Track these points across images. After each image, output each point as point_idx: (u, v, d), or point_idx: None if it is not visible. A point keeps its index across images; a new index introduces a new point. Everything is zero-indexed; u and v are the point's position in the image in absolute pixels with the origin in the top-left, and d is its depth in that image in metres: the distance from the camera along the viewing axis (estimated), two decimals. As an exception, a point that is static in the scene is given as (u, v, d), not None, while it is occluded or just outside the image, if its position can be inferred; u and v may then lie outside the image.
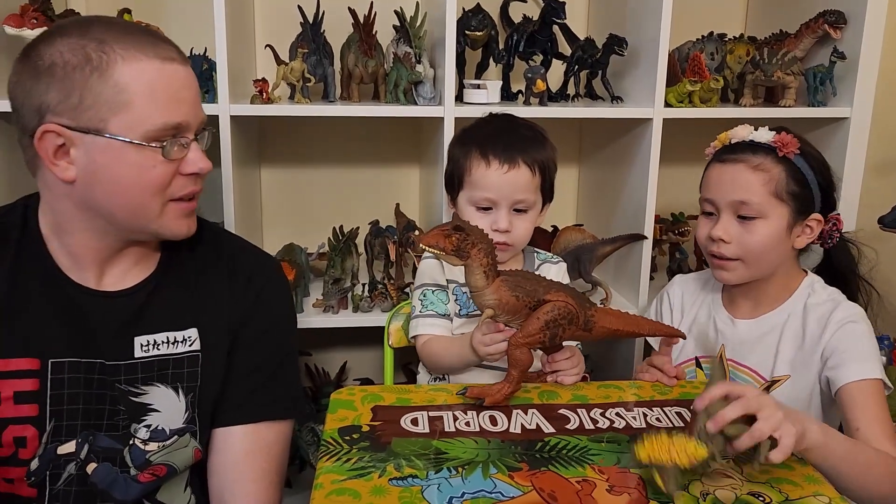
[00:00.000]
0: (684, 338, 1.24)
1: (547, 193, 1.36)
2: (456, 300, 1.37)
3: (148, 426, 1.05)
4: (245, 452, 1.10)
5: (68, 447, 1.01)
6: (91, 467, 1.03)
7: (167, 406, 1.06)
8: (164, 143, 0.95)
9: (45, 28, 1.40)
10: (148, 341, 1.05)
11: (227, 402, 1.10)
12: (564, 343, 1.18)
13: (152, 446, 1.05)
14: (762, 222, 1.25)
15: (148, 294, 1.06)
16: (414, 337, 1.38)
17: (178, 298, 1.08)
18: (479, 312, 1.34)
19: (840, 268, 1.37)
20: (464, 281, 1.36)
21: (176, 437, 1.06)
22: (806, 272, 1.35)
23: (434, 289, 1.37)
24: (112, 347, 1.03)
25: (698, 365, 1.36)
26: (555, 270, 1.42)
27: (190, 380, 1.07)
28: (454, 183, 1.35)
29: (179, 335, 1.07)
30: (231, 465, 1.10)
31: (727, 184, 1.26)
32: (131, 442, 1.05)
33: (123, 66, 0.92)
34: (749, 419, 0.90)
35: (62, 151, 0.94)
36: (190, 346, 1.07)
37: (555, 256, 1.47)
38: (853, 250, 1.40)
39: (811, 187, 1.26)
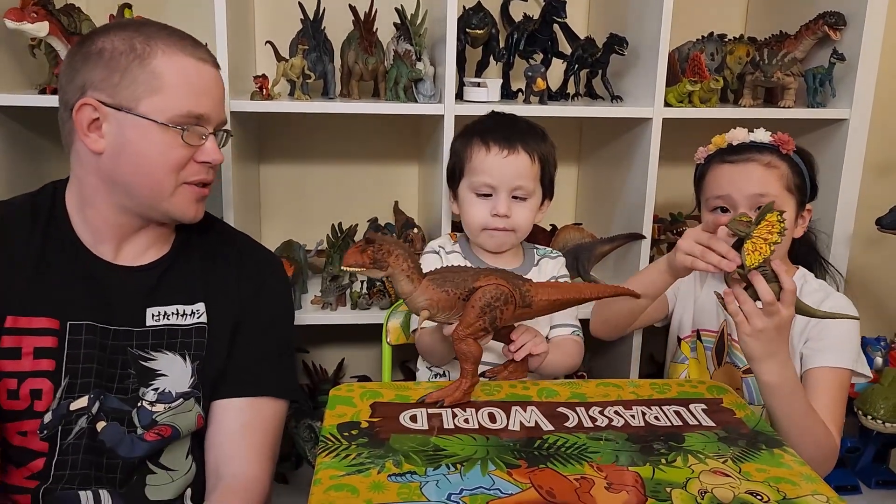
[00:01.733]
0: (637, 296, 1.27)
1: (547, 187, 1.37)
2: None
3: (156, 389, 1.12)
4: (242, 425, 1.17)
5: (80, 402, 1.08)
6: (100, 425, 1.10)
7: (174, 371, 1.13)
8: (185, 129, 1.06)
9: (45, 22, 1.41)
10: (159, 312, 1.14)
11: (227, 378, 1.17)
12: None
13: (159, 407, 1.12)
14: None
15: (161, 272, 1.16)
16: (413, 332, 1.39)
17: (189, 276, 1.17)
18: None
19: (804, 253, 1.44)
20: None
21: (181, 399, 1.13)
22: (797, 267, 1.40)
23: None
24: (125, 316, 1.12)
25: (699, 338, 1.38)
26: (552, 265, 1.43)
27: (197, 349, 1.15)
28: (455, 174, 1.38)
29: (188, 308, 1.16)
30: (227, 437, 1.16)
31: (743, 181, 1.30)
32: (139, 404, 1.11)
33: (162, 58, 1.05)
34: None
35: (95, 125, 1.05)
36: (198, 318, 1.16)
37: (554, 251, 1.47)
38: (811, 237, 1.48)
39: (806, 180, 1.34)
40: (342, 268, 1.09)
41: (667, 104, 1.67)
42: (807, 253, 1.45)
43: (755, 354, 1.14)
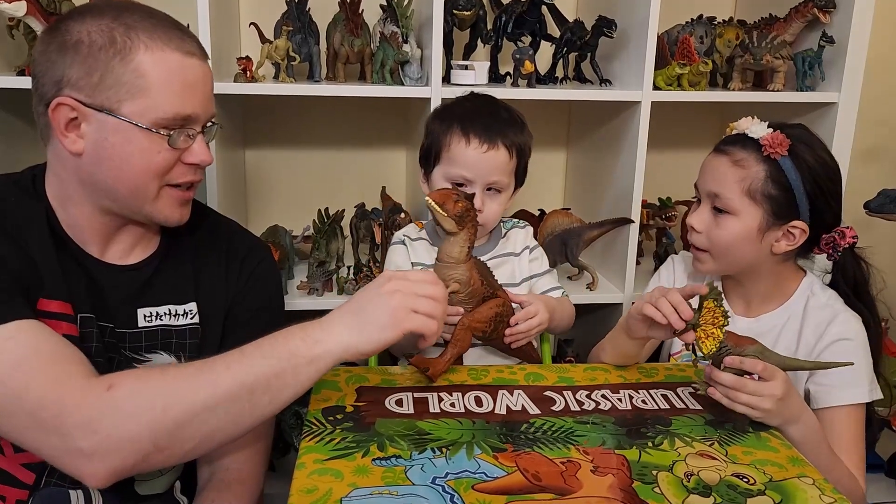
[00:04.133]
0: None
1: (520, 177, 1.36)
2: None
3: None
4: None
5: None
6: None
7: None
8: (172, 133, 0.98)
9: (23, 1, 1.38)
10: (151, 313, 1.09)
11: None
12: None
13: None
14: (732, 219, 1.22)
15: (151, 271, 1.10)
16: None
17: (179, 275, 1.12)
18: None
19: (849, 284, 1.29)
20: (431, 263, 1.35)
21: None
22: (805, 272, 1.31)
23: None
24: (119, 315, 1.06)
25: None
26: (522, 235, 1.43)
27: (192, 350, 1.10)
28: (430, 157, 1.35)
29: (180, 308, 1.10)
30: None
31: (709, 174, 1.25)
32: None
33: (146, 53, 0.95)
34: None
35: (73, 125, 0.97)
36: (191, 319, 1.11)
37: (520, 221, 1.47)
38: (864, 267, 1.30)
39: (794, 193, 1.20)
40: (426, 197, 1.13)
41: (656, 87, 1.65)
42: (854, 286, 1.28)
43: (778, 424, 1.04)
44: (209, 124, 1.06)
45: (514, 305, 1.26)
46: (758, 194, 1.20)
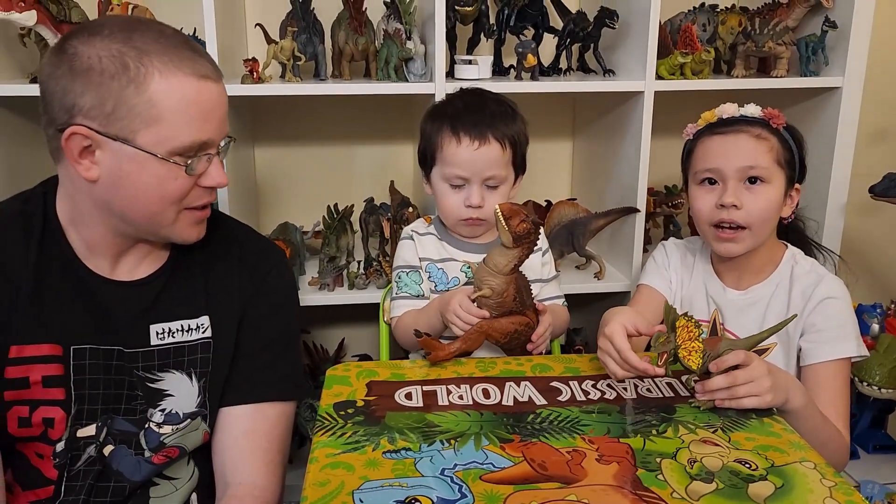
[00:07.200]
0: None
1: (519, 166, 1.37)
2: (430, 277, 1.39)
3: (163, 410, 1.08)
4: (246, 431, 1.12)
5: (89, 430, 1.05)
6: (108, 449, 1.07)
7: (181, 391, 1.09)
8: (189, 161, 0.98)
9: (33, 11, 1.40)
10: (163, 329, 1.08)
11: (231, 382, 1.13)
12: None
13: (166, 429, 1.09)
14: (767, 187, 1.27)
15: (162, 284, 1.10)
16: (391, 319, 1.41)
17: (190, 288, 1.11)
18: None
19: (794, 241, 1.41)
20: (439, 258, 1.38)
21: (189, 420, 1.10)
22: (786, 245, 1.37)
23: (407, 270, 1.40)
24: (129, 335, 1.06)
25: None
26: None
27: (203, 365, 1.10)
28: (426, 159, 1.37)
29: (193, 322, 1.10)
30: (232, 444, 1.12)
31: (732, 152, 1.28)
32: (147, 426, 1.08)
33: (160, 80, 0.93)
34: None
35: (88, 151, 0.96)
36: (203, 333, 1.11)
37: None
38: (799, 224, 1.45)
39: (795, 157, 1.30)
40: (497, 206, 1.16)
41: (659, 77, 1.66)
42: (797, 240, 1.42)
43: (785, 397, 1.07)
44: (224, 142, 1.05)
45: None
46: (782, 160, 1.28)
